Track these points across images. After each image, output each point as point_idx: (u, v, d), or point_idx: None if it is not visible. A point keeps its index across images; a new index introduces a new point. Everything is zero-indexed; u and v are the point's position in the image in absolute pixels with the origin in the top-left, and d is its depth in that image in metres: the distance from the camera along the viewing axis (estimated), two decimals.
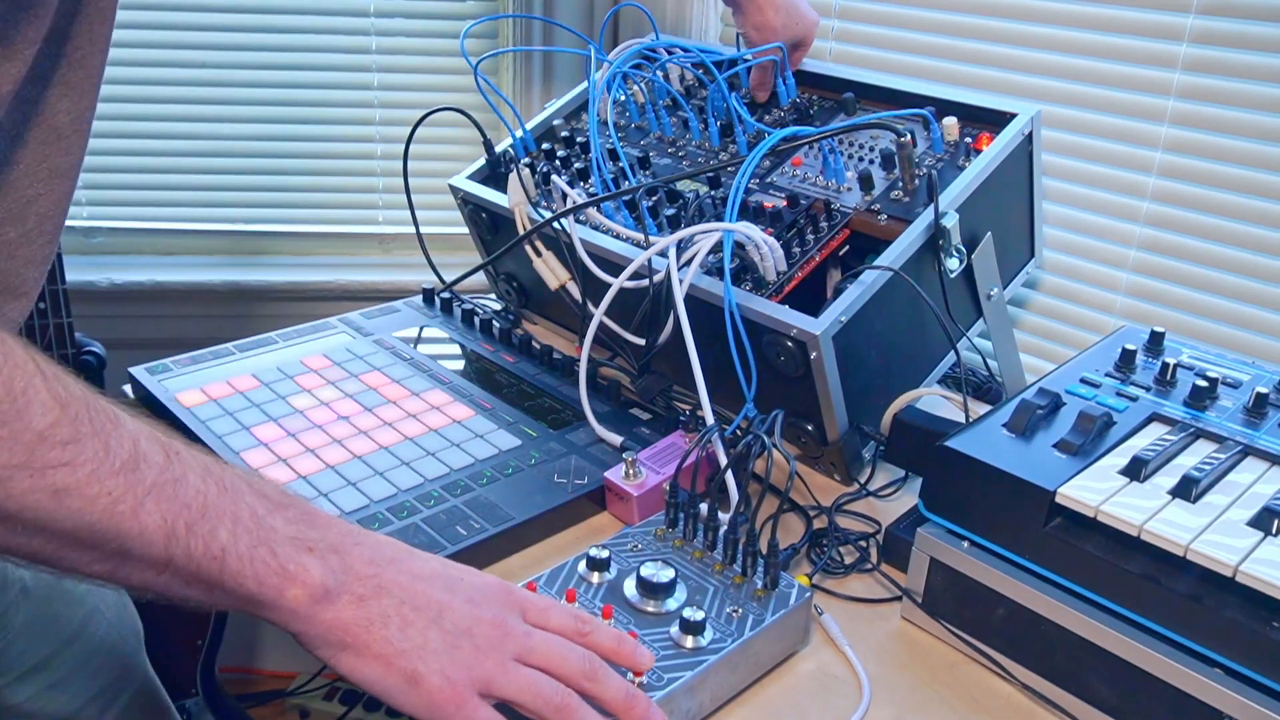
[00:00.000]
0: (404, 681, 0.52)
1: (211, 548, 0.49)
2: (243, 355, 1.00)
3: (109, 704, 0.90)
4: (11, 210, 0.59)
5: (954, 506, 0.67)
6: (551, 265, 1.02)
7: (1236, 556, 0.55)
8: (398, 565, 0.55)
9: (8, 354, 0.45)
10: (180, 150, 1.49)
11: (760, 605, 0.65)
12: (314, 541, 0.53)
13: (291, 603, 0.51)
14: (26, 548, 0.46)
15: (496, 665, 0.54)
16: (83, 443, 0.46)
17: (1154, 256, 1.02)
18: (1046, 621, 0.62)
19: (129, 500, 0.47)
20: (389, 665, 0.52)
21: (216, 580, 0.50)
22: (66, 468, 0.45)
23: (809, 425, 0.86)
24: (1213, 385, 0.71)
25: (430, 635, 0.53)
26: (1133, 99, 1.00)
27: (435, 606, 0.54)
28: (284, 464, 0.81)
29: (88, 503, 0.46)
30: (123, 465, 0.47)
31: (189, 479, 0.49)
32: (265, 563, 0.51)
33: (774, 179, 0.99)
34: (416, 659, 0.52)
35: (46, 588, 0.83)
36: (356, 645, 0.52)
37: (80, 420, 0.46)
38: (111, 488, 0.46)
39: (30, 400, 0.45)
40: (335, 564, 0.53)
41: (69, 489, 0.45)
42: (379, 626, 0.52)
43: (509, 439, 0.87)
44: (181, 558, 0.48)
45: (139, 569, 0.48)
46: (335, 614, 0.52)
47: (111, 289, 1.47)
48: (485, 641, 0.54)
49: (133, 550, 0.47)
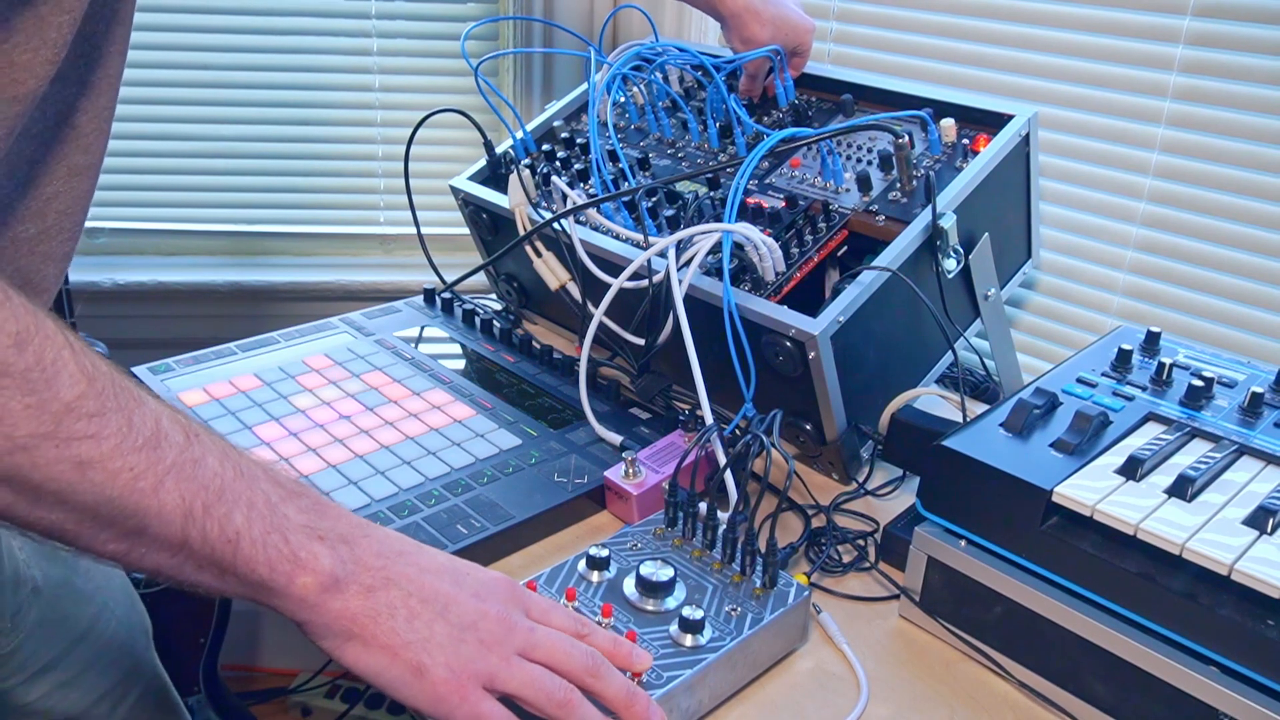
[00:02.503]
0: (409, 673, 0.52)
1: (227, 531, 0.49)
2: (245, 355, 1.00)
3: (119, 701, 0.90)
4: (31, 207, 0.59)
5: (951, 505, 0.68)
6: (552, 266, 1.02)
7: (1232, 555, 0.56)
8: (406, 558, 0.56)
9: (39, 325, 0.45)
10: (183, 151, 1.49)
11: (759, 604, 0.65)
12: (325, 531, 0.53)
13: (301, 590, 0.51)
14: (46, 521, 0.46)
15: (501, 659, 0.54)
16: (108, 416, 0.46)
17: (1150, 257, 1.02)
18: (1043, 620, 0.63)
19: (150, 477, 0.47)
20: (395, 656, 0.52)
21: (229, 564, 0.50)
22: (91, 440, 0.45)
23: (807, 425, 0.86)
24: (1208, 385, 0.72)
25: (436, 628, 0.53)
26: (1129, 100, 1.00)
27: (442, 599, 0.55)
28: (286, 463, 0.82)
29: (110, 476, 0.46)
30: (145, 442, 0.47)
31: (208, 460, 0.50)
32: (278, 549, 0.51)
33: (773, 180, 0.99)
34: (422, 651, 0.53)
35: (56, 587, 0.84)
36: (363, 636, 0.52)
37: (106, 394, 0.47)
38: (134, 463, 0.47)
39: (59, 371, 0.45)
40: (345, 554, 0.53)
41: (93, 461, 0.45)
42: (386, 618, 0.53)
43: (509, 438, 0.87)
44: (197, 539, 0.49)
45: (154, 549, 0.49)
46: (343, 604, 0.52)
47: (114, 289, 1.48)
48: (490, 636, 0.54)
49: (150, 528, 0.48)
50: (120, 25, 0.60)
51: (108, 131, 0.63)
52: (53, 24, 0.52)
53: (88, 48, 0.58)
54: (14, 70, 0.51)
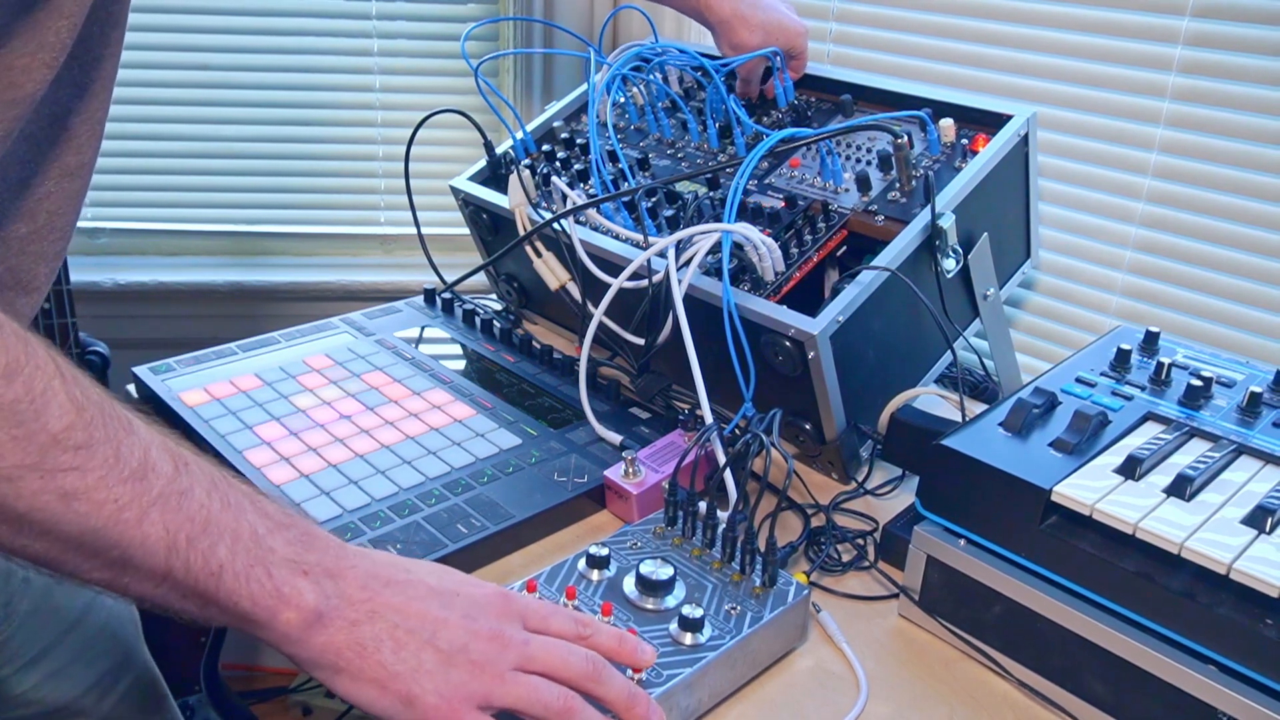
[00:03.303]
0: (399, 703, 0.52)
1: (210, 563, 0.49)
2: (245, 355, 1.00)
3: (107, 691, 0.90)
4: (23, 208, 0.59)
5: (951, 505, 0.68)
6: (552, 266, 1.02)
7: (1230, 554, 0.56)
8: (393, 588, 0.55)
9: (30, 353, 0.45)
10: (183, 152, 1.49)
11: (758, 603, 0.65)
12: (310, 565, 0.53)
13: (284, 626, 0.51)
14: (30, 550, 0.46)
15: (494, 678, 0.54)
16: (95, 448, 0.46)
17: (1149, 257, 1.02)
18: (1042, 619, 0.63)
19: (135, 509, 0.47)
20: (384, 688, 0.52)
21: (212, 596, 0.50)
22: (77, 472, 0.45)
23: (807, 424, 0.86)
24: (1207, 385, 0.72)
25: (424, 656, 0.53)
26: (1128, 101, 1.00)
27: (430, 625, 0.54)
28: (286, 462, 0.82)
29: (94, 508, 0.46)
30: (132, 473, 0.47)
31: (195, 492, 0.50)
32: (260, 583, 0.51)
33: (772, 180, 1.00)
34: (411, 681, 0.52)
35: (48, 577, 0.84)
36: (350, 669, 0.52)
37: (94, 425, 0.46)
38: (119, 495, 0.46)
39: (48, 402, 0.45)
40: (330, 589, 0.53)
41: (77, 493, 0.45)
42: (372, 650, 0.52)
43: (509, 438, 0.87)
44: (180, 570, 0.48)
45: (138, 579, 0.49)
46: (328, 638, 0.52)
47: (115, 289, 1.48)
48: (482, 656, 0.54)
49: (134, 559, 0.48)
50: (115, 28, 0.60)
51: (100, 133, 0.63)
52: (51, 29, 0.52)
53: (82, 50, 0.58)
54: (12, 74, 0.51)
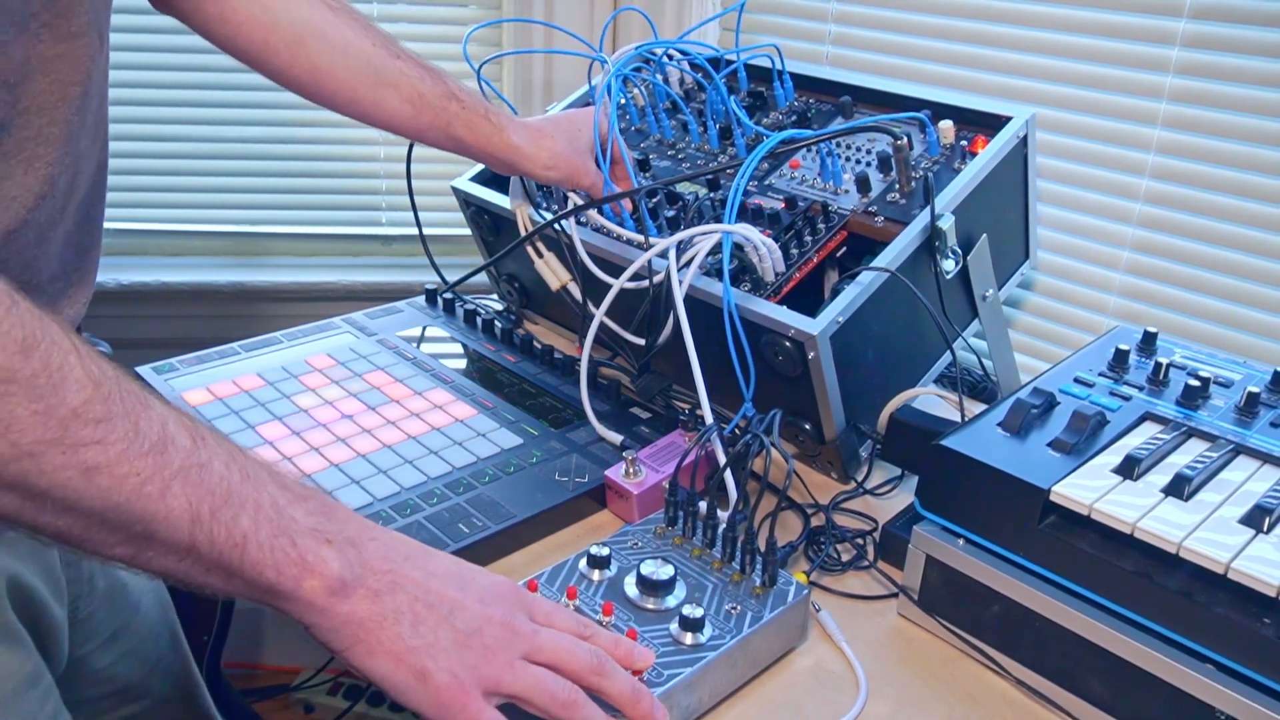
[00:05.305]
0: (412, 678, 0.52)
1: (234, 534, 0.49)
2: (248, 355, 1.01)
3: (165, 674, 0.90)
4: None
5: (949, 504, 0.68)
6: (553, 266, 1.03)
7: (1228, 554, 0.56)
8: (413, 562, 0.56)
9: (45, 329, 0.45)
10: (185, 153, 1.49)
11: (758, 602, 0.66)
12: (332, 534, 0.53)
13: (309, 594, 0.51)
14: (54, 526, 0.47)
15: (504, 664, 0.54)
16: (114, 421, 0.46)
17: (1147, 258, 1.03)
18: (1041, 618, 0.63)
19: (157, 482, 0.47)
20: (399, 661, 0.53)
21: (236, 568, 0.50)
22: (98, 445, 0.45)
23: (807, 424, 0.86)
24: (1205, 385, 0.72)
25: (441, 633, 0.54)
26: (1126, 102, 1.01)
27: (448, 604, 0.55)
28: (288, 462, 0.82)
29: (117, 482, 0.46)
30: (152, 447, 0.47)
31: (214, 464, 0.50)
32: (285, 552, 0.51)
33: (772, 181, 1.00)
34: (426, 656, 0.53)
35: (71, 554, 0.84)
36: (369, 640, 0.53)
37: (112, 399, 0.47)
38: (140, 468, 0.47)
39: (66, 377, 0.45)
40: (352, 557, 0.53)
41: (99, 467, 0.45)
42: (391, 622, 0.53)
43: (510, 437, 0.88)
44: (204, 543, 0.49)
45: (162, 553, 0.49)
46: (350, 608, 0.52)
47: (118, 289, 1.48)
48: (494, 640, 0.55)
49: (158, 533, 0.48)
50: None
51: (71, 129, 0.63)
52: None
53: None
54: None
